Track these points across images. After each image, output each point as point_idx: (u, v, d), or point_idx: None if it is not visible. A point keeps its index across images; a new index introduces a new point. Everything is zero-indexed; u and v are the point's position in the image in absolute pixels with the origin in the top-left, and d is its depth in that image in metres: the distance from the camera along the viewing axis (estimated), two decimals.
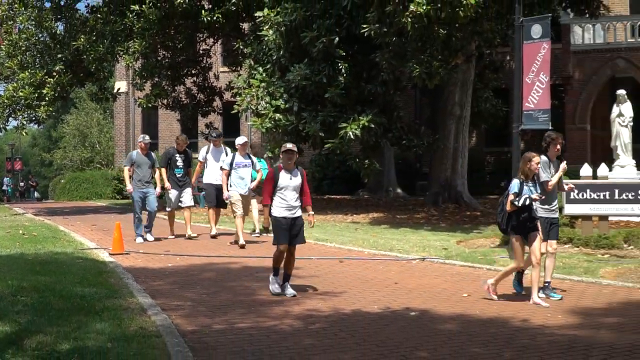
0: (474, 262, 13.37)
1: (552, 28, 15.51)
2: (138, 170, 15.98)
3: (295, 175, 10.15)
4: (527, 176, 9.50)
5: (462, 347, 7.44)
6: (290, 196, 10.08)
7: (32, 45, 26.38)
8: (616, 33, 28.96)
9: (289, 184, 10.05)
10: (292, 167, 10.16)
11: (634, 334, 7.90)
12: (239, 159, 15.35)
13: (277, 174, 10.10)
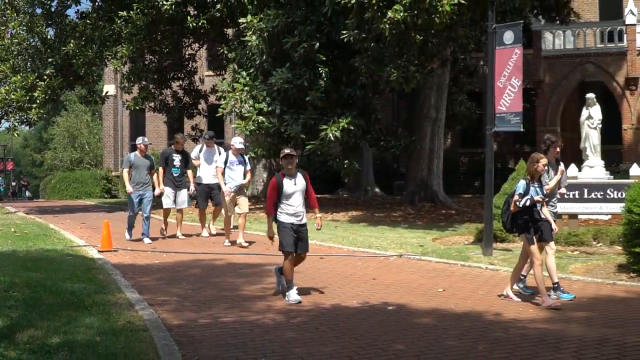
0: (449, 259, 13.40)
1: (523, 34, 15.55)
2: (136, 172, 15.46)
3: (298, 180, 9.56)
4: (533, 177, 9.31)
5: (438, 340, 7.46)
6: (296, 202, 9.53)
7: (24, 50, 26.28)
8: (586, 39, 29.14)
9: (295, 189, 9.48)
10: (294, 172, 9.59)
11: (602, 328, 7.95)
12: (232, 158, 14.94)
13: (280, 181, 9.47)
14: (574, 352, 6.98)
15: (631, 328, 7.89)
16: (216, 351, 7.05)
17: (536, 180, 9.35)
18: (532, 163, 9.34)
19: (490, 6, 14.41)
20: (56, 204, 34.61)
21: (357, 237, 16.46)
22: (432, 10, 16.81)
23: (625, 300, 9.54)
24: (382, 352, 6.98)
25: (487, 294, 10.09)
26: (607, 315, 8.62)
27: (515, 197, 9.18)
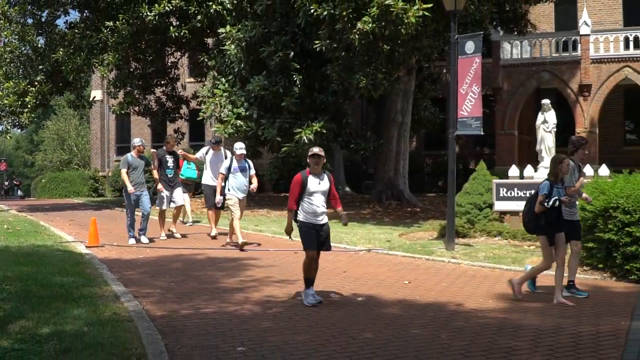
0: (414, 253, 13.45)
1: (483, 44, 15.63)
2: (133, 172, 14.64)
3: (323, 180, 8.87)
4: (556, 177, 8.90)
5: (404, 329, 7.48)
6: (318, 201, 8.80)
7: (16, 58, 26.18)
8: (542, 48, 29.37)
9: (318, 188, 8.79)
10: (320, 172, 8.92)
11: (557, 318, 8.00)
12: (235, 165, 13.84)
13: (305, 178, 8.77)
14: (530, 340, 7.02)
15: (583, 318, 7.95)
16: (197, 340, 7.02)
17: (559, 181, 8.93)
18: (556, 164, 8.95)
19: (453, 18, 14.48)
20: (46, 202, 34.31)
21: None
22: (399, 21, 16.88)
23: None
24: (352, 341, 6.99)
25: (450, 286, 10.13)
26: (561, 305, 8.66)
27: (540, 197, 8.76)
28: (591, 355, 6.41)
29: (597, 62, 28.17)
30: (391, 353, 6.51)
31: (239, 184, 13.82)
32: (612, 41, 28.14)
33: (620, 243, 10.24)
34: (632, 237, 10.05)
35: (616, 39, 28.13)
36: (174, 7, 24.31)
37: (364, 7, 17.22)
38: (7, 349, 6.36)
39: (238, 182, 13.81)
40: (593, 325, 7.55)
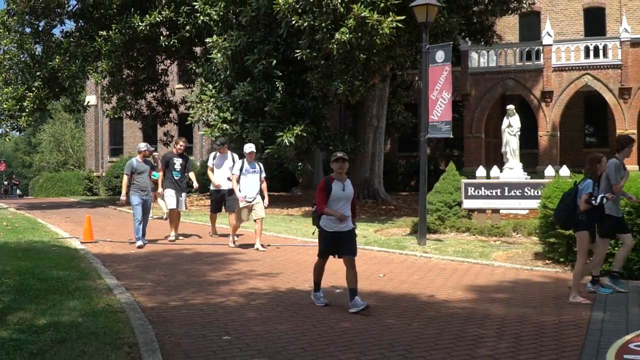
0: (389, 248, 13.48)
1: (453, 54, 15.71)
2: (139, 177, 13.42)
3: (347, 186, 8.04)
4: (597, 176, 8.52)
5: (379, 319, 7.49)
6: (343, 208, 7.98)
7: (15, 65, 26.01)
8: (507, 58, 29.56)
9: (342, 195, 7.95)
10: (344, 178, 8.09)
11: (521, 308, 8.04)
12: (247, 166, 12.72)
13: (329, 184, 7.95)
14: (497, 328, 7.06)
15: (546, 308, 8.00)
16: (185, 329, 6.99)
17: (596, 180, 8.53)
18: (594, 162, 8.55)
19: (424, 29, 14.53)
20: (43, 201, 34.05)
21: (309, 230, 16.40)
22: (374, 32, 16.91)
23: (541, 284, 9.66)
24: (331, 330, 6.99)
25: (422, 278, 10.16)
26: (525, 296, 8.73)
27: (585, 196, 8.30)
28: (554, 343, 6.45)
29: (558, 70, 28.40)
30: (367, 341, 6.52)
31: (250, 186, 12.71)
32: (573, 50, 28.38)
33: None
34: None
35: (577, 49, 28.37)
36: (164, 18, 24.36)
37: (342, 18, 17.24)
38: (5, 339, 6.31)
39: (249, 184, 12.70)
40: (556, 315, 7.60)
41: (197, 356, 6.04)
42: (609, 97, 27.62)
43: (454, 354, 6.09)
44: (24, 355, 5.82)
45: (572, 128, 31.82)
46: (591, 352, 6.08)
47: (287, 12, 17.93)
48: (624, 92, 27.15)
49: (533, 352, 6.12)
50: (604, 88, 27.70)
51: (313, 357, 5.99)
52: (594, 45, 28.11)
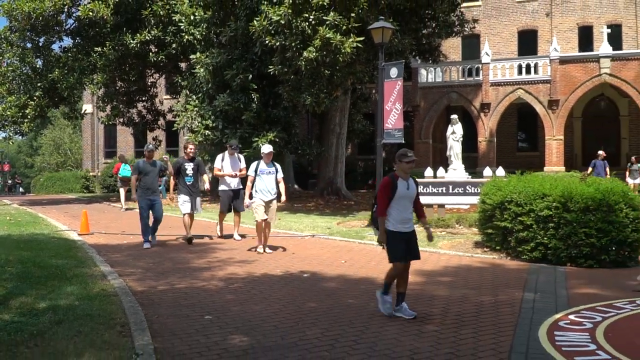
0: (349, 238, 13.53)
1: (404, 70, 15.83)
2: (145, 178, 11.92)
3: (411, 185, 6.92)
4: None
5: (341, 299, 7.51)
6: (405, 208, 6.85)
7: (17, 76, 25.62)
8: (451, 74, 29.85)
9: (407, 194, 6.84)
10: (408, 177, 6.96)
11: (463, 289, 8.13)
12: (264, 167, 11.13)
13: (395, 182, 6.75)
14: (442, 307, 7.12)
15: (484, 290, 8.09)
16: (171, 310, 6.93)
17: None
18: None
19: (380, 49, 14.61)
20: (44, 197, 33.50)
21: (280, 222, 16.40)
22: (337, 51, 16.95)
23: (480, 269, 9.77)
24: (299, 309, 6.98)
25: (378, 264, 10.19)
26: (466, 280, 8.82)
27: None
28: (492, 320, 6.52)
29: (495, 85, 28.74)
30: (331, 319, 6.53)
31: (266, 187, 11.05)
32: (508, 68, 28.76)
33: (514, 230, 10.46)
34: (523, 225, 10.27)
35: (511, 66, 28.76)
36: (153, 36, 24.23)
37: (309, 39, 17.25)
38: (8, 321, 6.20)
39: (265, 185, 11.05)
40: (492, 295, 7.69)
41: (181, 334, 5.99)
42: (539, 108, 28.04)
43: (406, 329, 6.12)
44: (25, 335, 5.72)
45: (507, 135, 32.24)
46: (525, 329, 6.16)
47: (261, 33, 17.90)
48: (552, 103, 27.58)
49: (473, 328, 6.18)
50: (534, 100, 28.11)
51: (284, 333, 5.98)
52: (526, 63, 28.53)
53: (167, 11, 23.75)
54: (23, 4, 22.82)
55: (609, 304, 7.08)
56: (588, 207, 9.71)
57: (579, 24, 32.55)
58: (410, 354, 5.32)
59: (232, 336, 5.90)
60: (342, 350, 5.43)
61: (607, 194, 9.75)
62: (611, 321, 6.39)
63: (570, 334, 5.95)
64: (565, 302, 7.25)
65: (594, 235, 9.56)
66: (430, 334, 5.95)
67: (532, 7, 33.34)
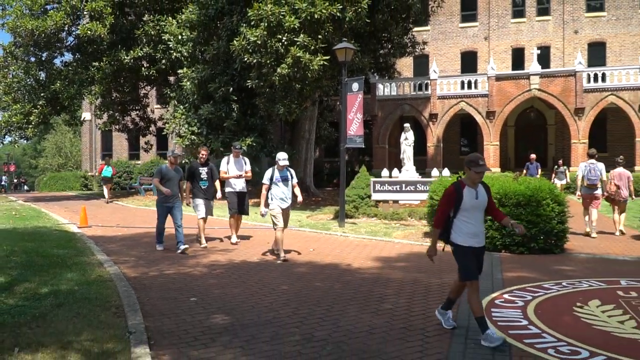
0: (317, 229, 13.53)
1: (364, 85, 15.89)
2: (167, 183, 10.28)
3: (481, 193, 5.20)
4: None
5: (309, 282, 7.50)
6: (476, 219, 5.19)
7: (22, 87, 25.02)
8: (404, 89, 30.02)
9: (475, 204, 5.17)
10: (477, 185, 5.23)
11: (414, 273, 8.18)
12: (277, 174, 9.60)
13: (460, 190, 5.17)
14: (397, 288, 7.15)
15: (432, 273, 8.15)
16: (161, 293, 6.84)
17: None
18: None
19: (343, 67, 14.64)
20: (47, 195, 32.76)
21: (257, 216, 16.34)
22: (306, 68, 16.94)
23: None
24: (273, 291, 6.95)
25: (341, 252, 10.23)
26: (417, 265, 8.87)
27: None
28: (438, 298, 6.58)
29: (442, 98, 29.02)
30: (300, 299, 6.51)
31: (283, 193, 9.61)
32: (452, 84, 29.05)
33: None
34: None
35: (455, 82, 29.06)
36: (145, 53, 23.96)
37: (282, 57, 17.21)
38: (12, 305, 6.05)
39: (280, 192, 9.59)
40: (439, 278, 7.76)
41: (169, 314, 5.92)
42: (479, 118, 28.41)
43: (366, 308, 6.14)
44: (28, 318, 5.58)
45: (451, 141, 32.61)
46: (466, 306, 6.20)
47: (240, 52, 17.80)
48: (489, 114, 27.96)
49: (422, 306, 6.23)
50: (475, 111, 28.47)
51: (260, 312, 5.94)
52: (467, 79, 28.86)
53: (157, 31, 23.50)
54: (27, 22, 22.29)
55: (538, 285, 7.21)
56: (520, 202, 9.87)
57: (513, 46, 33.08)
58: (369, 329, 5.34)
59: (214, 315, 5.85)
60: (310, 327, 5.43)
61: (536, 192, 9.93)
62: (540, 300, 6.50)
63: (505, 310, 6.04)
64: (500, 284, 7.34)
65: (525, 226, 9.73)
66: (386, 312, 5.98)
67: (473, 31, 33.77)
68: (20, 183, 52.71)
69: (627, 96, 26.30)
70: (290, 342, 4.96)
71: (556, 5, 32.28)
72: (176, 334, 5.22)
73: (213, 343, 4.95)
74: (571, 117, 26.82)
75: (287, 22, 16.66)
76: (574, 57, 30.77)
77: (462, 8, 33.93)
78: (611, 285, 7.20)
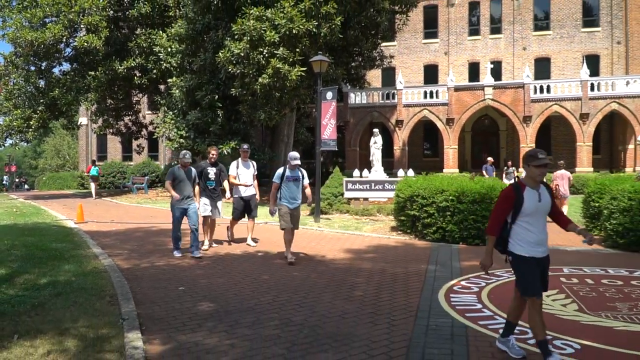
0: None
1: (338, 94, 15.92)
2: (179, 186, 8.91)
3: (544, 195, 4.11)
4: None
5: (288, 272, 7.48)
6: (538, 224, 4.10)
7: (22, 94, 24.35)
8: (373, 97, 30.09)
9: (538, 208, 4.07)
10: (539, 185, 4.14)
11: (382, 263, 8.21)
12: (289, 173, 8.55)
13: (520, 192, 4.07)
14: (366, 276, 7.18)
15: (398, 264, 8.20)
16: (152, 283, 6.75)
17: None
18: None
19: (319, 77, 14.63)
20: (46, 193, 32.06)
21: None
22: (285, 78, 16.89)
23: (395, 247, 9.88)
24: (255, 281, 6.92)
25: (317, 244, 10.22)
26: (385, 256, 8.89)
27: None
28: (403, 286, 6.62)
29: (407, 106, 29.20)
30: (279, 288, 6.49)
31: (291, 194, 8.54)
32: (416, 93, 29.23)
33: (420, 217, 10.67)
34: (427, 214, 10.49)
35: (419, 92, 29.25)
36: (137, 63, 23.67)
37: (263, 68, 17.13)
38: (12, 295, 5.91)
39: (290, 192, 8.53)
40: (404, 267, 7.81)
41: (160, 302, 5.84)
42: (440, 124, 28.67)
43: (338, 295, 6.15)
44: (27, 307, 5.46)
45: (416, 144, 32.85)
46: (428, 292, 6.28)
47: (225, 63, 17.66)
48: (449, 121, 28.25)
49: (390, 293, 6.27)
50: (436, 118, 28.72)
51: (242, 299, 5.91)
52: (430, 90, 29.08)
53: (149, 44, 23.23)
54: (26, 34, 21.76)
55: (491, 273, 7.30)
56: (475, 199, 10.00)
57: (469, 61, 33.47)
58: (341, 314, 5.35)
59: (201, 303, 5.80)
60: (289, 312, 5.41)
61: (489, 190, 10.07)
62: (493, 286, 6.59)
63: (462, 296, 6.11)
64: (458, 272, 7.42)
65: (480, 220, 9.86)
66: (357, 298, 5.99)
67: (434, 47, 34.08)
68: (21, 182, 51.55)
69: (569, 105, 26.85)
70: (270, 327, 4.94)
71: (507, 25, 32.78)
72: (166, 320, 5.15)
73: (200, 328, 4.90)
74: (520, 124, 27.27)
75: (268, 37, 16.60)
76: (522, 71, 31.27)
77: (424, 26, 34.21)
78: (555, 272, 7.34)
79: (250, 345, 4.43)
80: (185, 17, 20.73)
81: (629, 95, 26.14)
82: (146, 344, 4.45)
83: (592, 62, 31.19)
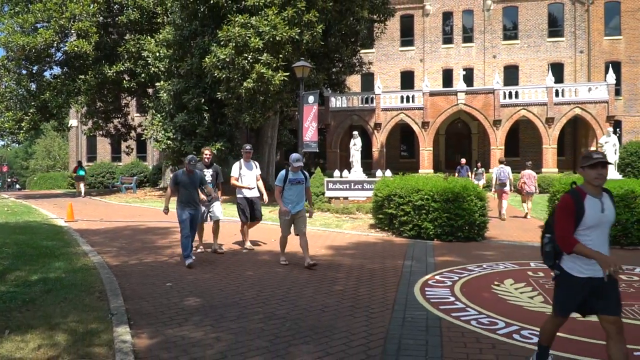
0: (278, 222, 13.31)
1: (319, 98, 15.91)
2: (185, 190, 7.78)
3: (607, 205, 3.26)
4: None
5: (271, 268, 7.46)
6: (600, 240, 3.23)
7: (14, 97, 23.88)
8: (353, 101, 30.15)
9: (602, 219, 3.22)
10: (601, 193, 3.29)
11: (361, 259, 8.24)
12: (292, 176, 7.69)
13: (580, 202, 3.21)
14: (346, 271, 7.19)
15: (376, 259, 8.22)
16: (140, 280, 6.67)
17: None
18: None
19: (301, 82, 14.63)
20: (37, 192, 31.44)
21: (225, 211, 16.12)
22: (269, 83, 16.84)
23: (374, 244, 9.91)
24: (240, 276, 6.89)
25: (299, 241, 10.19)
26: (363, 252, 8.91)
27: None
28: (381, 280, 6.65)
29: (385, 110, 29.34)
30: (263, 283, 6.47)
31: (294, 197, 7.72)
32: (394, 98, 29.37)
33: (397, 215, 10.72)
34: (404, 212, 10.54)
35: (396, 97, 29.40)
36: (126, 68, 23.38)
37: (248, 73, 17.05)
38: (4, 292, 5.78)
39: (293, 195, 7.71)
40: (382, 263, 7.84)
41: (148, 297, 5.78)
42: (416, 127, 28.88)
43: (320, 289, 6.15)
44: (18, 303, 5.35)
45: (393, 146, 33.01)
46: (404, 286, 6.32)
47: (211, 68, 17.54)
48: (424, 124, 28.47)
49: (368, 287, 6.29)
50: (412, 122, 28.92)
51: (227, 294, 5.87)
52: (406, 95, 29.26)
53: (137, 49, 22.93)
54: (18, 39, 21.32)
55: (463, 268, 7.38)
56: (449, 198, 10.09)
57: (443, 68, 33.78)
58: (322, 307, 5.35)
59: (187, 298, 5.75)
60: (272, 306, 5.40)
61: (462, 190, 10.17)
62: (465, 280, 6.66)
63: (436, 289, 6.16)
64: (432, 267, 7.46)
65: (453, 218, 9.96)
66: (337, 292, 6.00)
67: (410, 54, 34.31)
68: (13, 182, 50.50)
69: (535, 110, 27.27)
70: (254, 320, 4.92)
71: (478, 34, 33.16)
72: (153, 315, 5.10)
73: (186, 322, 4.86)
74: (490, 127, 27.61)
75: (253, 43, 16.53)
76: (492, 77, 31.66)
77: (401, 34, 34.41)
78: (523, 267, 7.45)
79: (235, 338, 4.41)
80: (172, 23, 20.54)
81: (590, 101, 26.67)
82: (134, 338, 4.40)
83: (557, 69, 31.73)
